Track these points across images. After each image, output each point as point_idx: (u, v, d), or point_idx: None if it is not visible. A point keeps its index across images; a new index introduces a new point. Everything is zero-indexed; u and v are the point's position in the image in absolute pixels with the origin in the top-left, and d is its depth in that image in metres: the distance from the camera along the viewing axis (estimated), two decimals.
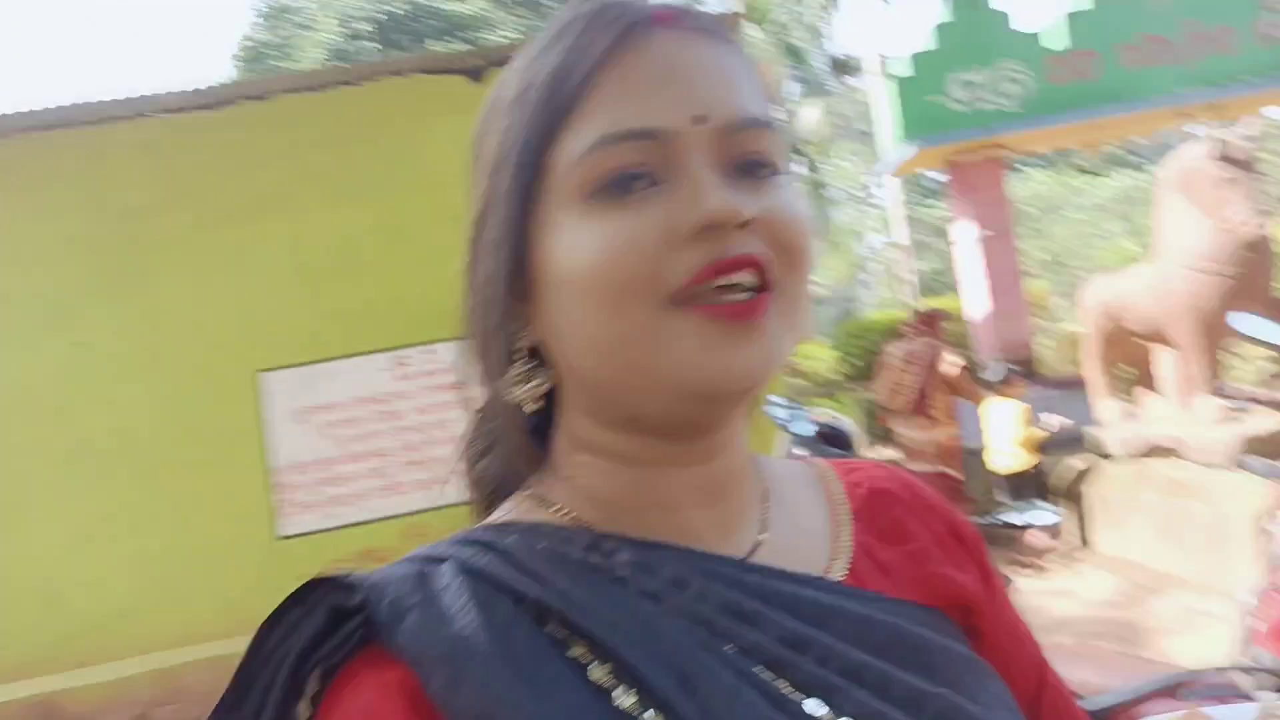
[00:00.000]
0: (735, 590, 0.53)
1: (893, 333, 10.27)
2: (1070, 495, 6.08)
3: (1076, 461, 6.04)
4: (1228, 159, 4.67)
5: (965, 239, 8.56)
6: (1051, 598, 5.10)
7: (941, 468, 6.74)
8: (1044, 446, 6.71)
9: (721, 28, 0.56)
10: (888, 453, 9.21)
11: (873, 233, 26.93)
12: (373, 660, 0.47)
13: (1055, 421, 6.10)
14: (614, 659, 0.47)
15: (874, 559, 0.61)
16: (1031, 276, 12.20)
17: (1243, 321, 2.95)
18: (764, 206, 0.51)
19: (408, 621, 0.47)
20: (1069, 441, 6.68)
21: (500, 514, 0.58)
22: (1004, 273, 8.17)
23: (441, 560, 0.52)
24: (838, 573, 0.58)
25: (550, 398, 0.58)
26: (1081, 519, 5.86)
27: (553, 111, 0.52)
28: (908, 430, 6.94)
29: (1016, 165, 12.81)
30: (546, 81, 0.52)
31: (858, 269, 27.89)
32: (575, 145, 0.51)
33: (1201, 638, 4.10)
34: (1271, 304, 4.65)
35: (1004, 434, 5.44)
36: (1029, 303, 8.95)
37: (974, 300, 8.45)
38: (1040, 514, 2.52)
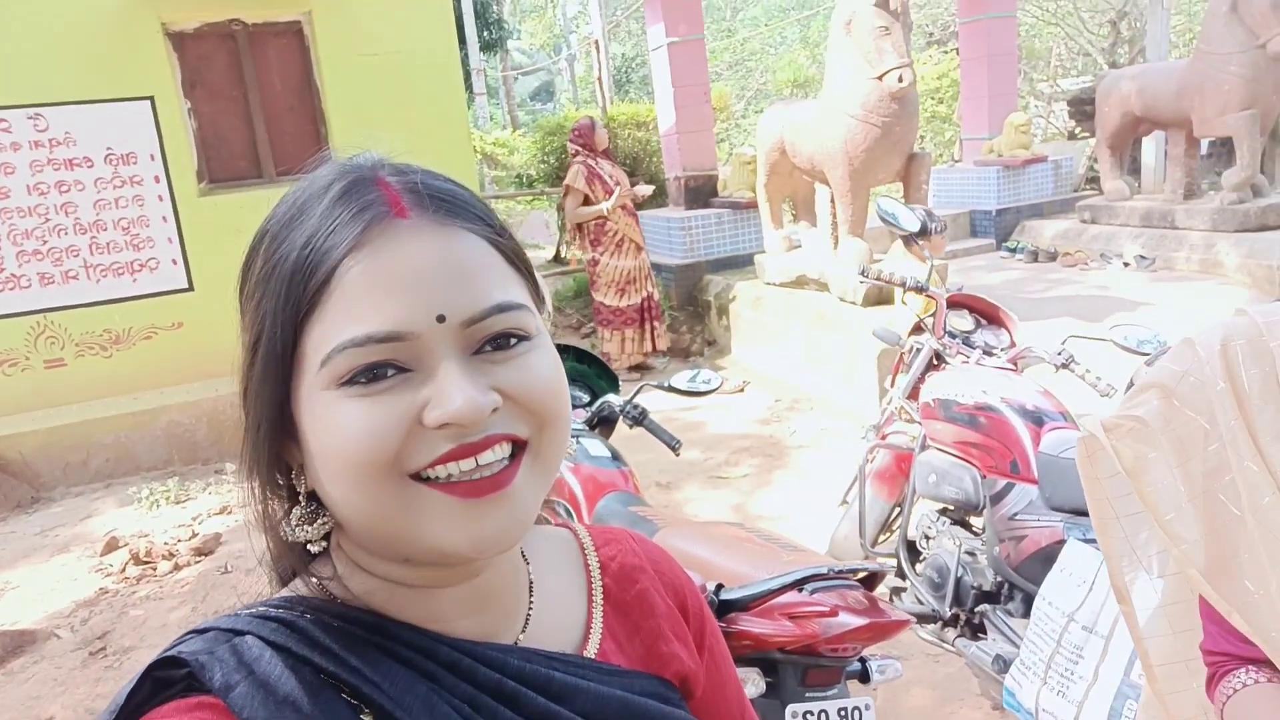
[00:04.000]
0: (499, 673, 0.61)
1: None
2: (725, 313, 6.64)
3: (742, 285, 6.54)
4: (883, 7, 4.88)
5: (657, 43, 8.44)
6: (713, 412, 5.66)
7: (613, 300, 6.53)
8: (712, 267, 7.18)
9: (463, 209, 0.60)
10: (581, 253, 9.39)
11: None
12: (189, 701, 0.54)
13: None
14: None
15: (617, 637, 0.73)
16: (717, 76, 12.54)
17: (881, 203, 3.22)
18: (512, 380, 0.58)
19: (238, 689, 0.53)
20: (740, 263, 7.21)
21: (288, 591, 0.64)
22: (692, 85, 8.21)
23: (241, 634, 0.57)
24: (591, 649, 0.70)
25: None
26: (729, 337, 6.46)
27: (299, 304, 0.56)
28: (581, 253, 6.79)
29: None
30: (291, 273, 0.56)
31: (561, 41, 26.89)
32: (323, 340, 0.55)
33: (829, 452, 4.80)
34: (910, 158, 5.14)
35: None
36: (714, 106, 9.17)
37: (663, 110, 8.48)
38: (704, 380, 2.67)
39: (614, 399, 2.68)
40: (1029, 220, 8.31)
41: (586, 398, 2.82)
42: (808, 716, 1.66)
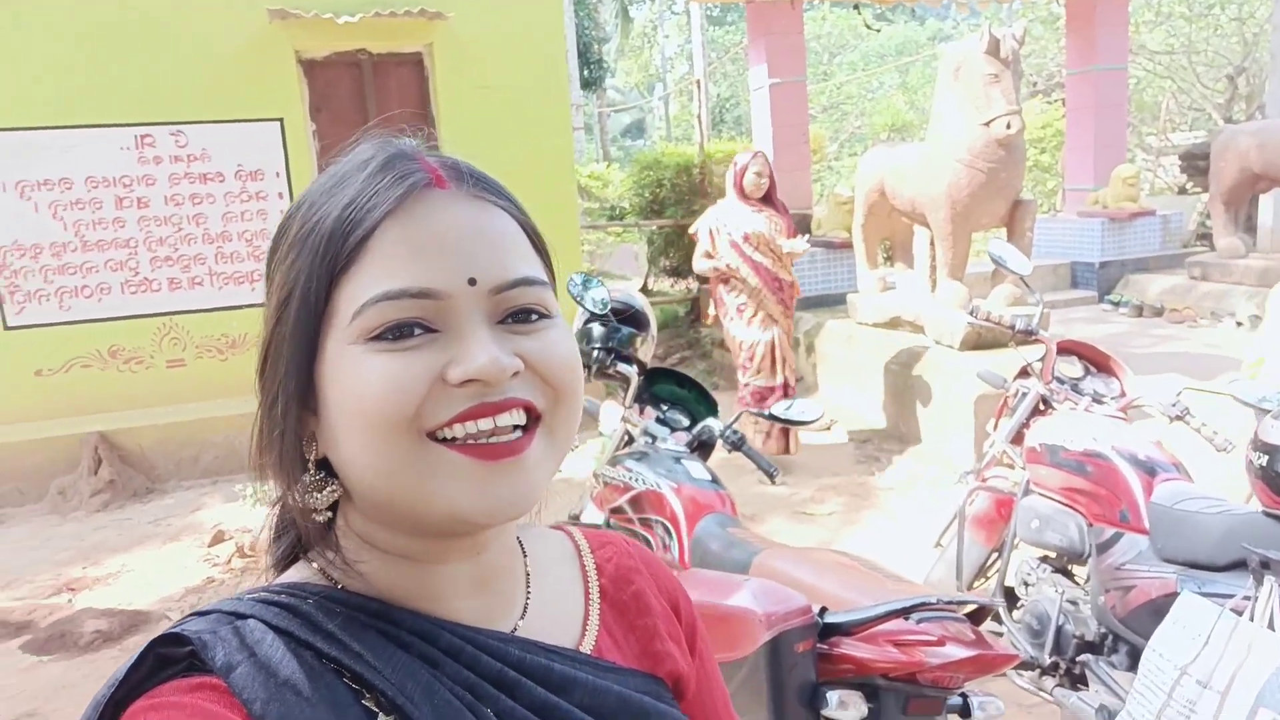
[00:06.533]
0: (500, 662, 0.62)
1: (683, 170, 10.24)
2: (813, 351, 6.61)
3: (833, 323, 6.52)
4: (994, 54, 4.88)
5: (759, 84, 8.57)
6: (796, 456, 5.63)
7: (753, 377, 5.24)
8: (802, 305, 7.17)
9: (495, 189, 0.64)
10: (668, 286, 9.49)
11: (672, 44, 26.48)
12: (190, 681, 0.54)
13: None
14: (399, 712, 0.57)
15: (614, 634, 0.73)
16: (812, 119, 12.61)
17: (992, 245, 3.21)
18: (532, 350, 0.60)
19: (239, 670, 0.54)
20: (831, 302, 7.19)
21: (290, 577, 0.65)
22: (791, 125, 8.29)
23: (244, 617, 0.58)
24: (587, 645, 0.71)
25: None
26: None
27: (335, 260, 0.58)
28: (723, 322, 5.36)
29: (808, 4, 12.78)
30: (331, 230, 0.58)
31: (655, 79, 27.51)
32: (357, 294, 0.57)
33: (918, 495, 4.73)
34: (1015, 204, 5.09)
35: None
36: (809, 148, 9.23)
37: (761, 148, 8.56)
38: (804, 410, 2.69)
39: (713, 423, 2.73)
40: (1133, 274, 8.07)
41: (686, 421, 2.87)
42: None
